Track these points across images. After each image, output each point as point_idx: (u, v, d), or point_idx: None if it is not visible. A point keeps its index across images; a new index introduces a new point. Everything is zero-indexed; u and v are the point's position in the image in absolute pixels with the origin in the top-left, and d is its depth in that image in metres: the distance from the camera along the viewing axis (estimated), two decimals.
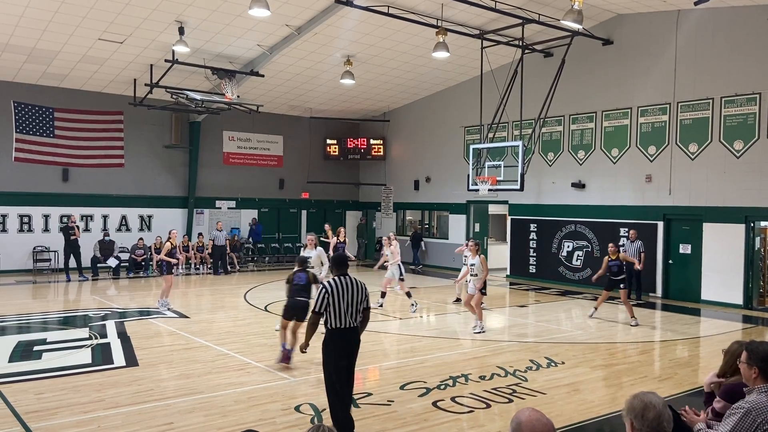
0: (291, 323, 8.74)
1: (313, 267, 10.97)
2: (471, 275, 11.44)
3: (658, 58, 15.78)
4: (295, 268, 9.13)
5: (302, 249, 12.23)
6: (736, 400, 3.82)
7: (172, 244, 13.37)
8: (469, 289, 11.45)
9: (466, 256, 13.27)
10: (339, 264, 6.09)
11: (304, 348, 6.26)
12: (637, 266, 14.48)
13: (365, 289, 6.00)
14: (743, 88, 14.23)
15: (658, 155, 15.90)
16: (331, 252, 13.83)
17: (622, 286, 12.41)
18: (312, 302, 6.53)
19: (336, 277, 5.92)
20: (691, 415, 4.07)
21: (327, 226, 16.82)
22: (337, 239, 14.91)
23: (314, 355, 9.32)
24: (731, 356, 4.37)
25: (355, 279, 5.97)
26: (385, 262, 14.09)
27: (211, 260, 20.35)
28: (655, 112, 15.97)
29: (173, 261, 13.52)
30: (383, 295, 13.76)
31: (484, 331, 11.05)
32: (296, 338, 8.47)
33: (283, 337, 8.74)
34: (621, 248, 16.13)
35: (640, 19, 16.18)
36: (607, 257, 12.58)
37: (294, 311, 8.75)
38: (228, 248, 20.58)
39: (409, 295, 13.45)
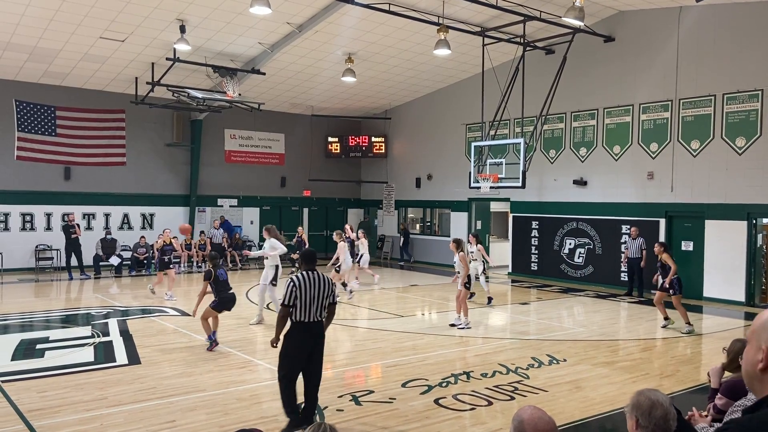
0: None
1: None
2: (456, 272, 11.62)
3: (659, 54, 15.74)
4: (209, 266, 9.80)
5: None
6: (738, 396, 3.82)
7: (165, 241, 14.33)
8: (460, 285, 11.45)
9: (472, 252, 13.85)
10: (307, 259, 6.29)
11: (274, 342, 6.28)
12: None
13: (331, 284, 6.16)
14: (745, 84, 14.19)
15: (659, 152, 15.87)
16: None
17: (671, 291, 11.27)
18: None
19: (304, 272, 6.10)
20: (696, 417, 4.07)
21: (348, 227, 17.81)
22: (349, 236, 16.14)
23: None
24: (734, 354, 4.36)
25: (322, 274, 6.14)
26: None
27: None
28: (656, 108, 15.93)
29: (164, 258, 14.28)
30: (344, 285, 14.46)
31: (468, 328, 11.01)
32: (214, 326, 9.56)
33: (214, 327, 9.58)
34: (623, 245, 16.17)
35: (641, 16, 16.14)
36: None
37: (228, 304, 9.70)
38: (227, 246, 20.62)
39: (344, 284, 14.28)
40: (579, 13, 13.04)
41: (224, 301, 9.59)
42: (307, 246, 15.38)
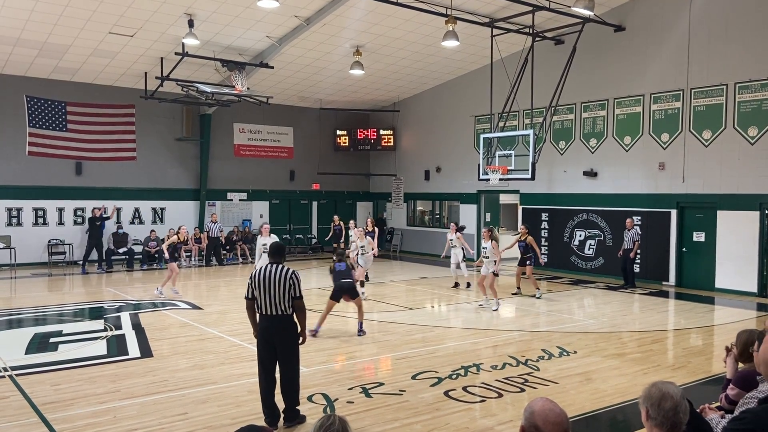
0: (338, 303, 10.21)
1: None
2: (483, 257, 12.62)
3: (670, 44, 15.58)
4: (335, 259, 10.57)
5: (258, 236, 13.55)
6: (750, 387, 3.80)
7: (179, 239, 14.15)
8: (482, 270, 12.62)
9: (451, 239, 14.96)
10: (272, 252, 6.32)
11: (254, 333, 6.33)
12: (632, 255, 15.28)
13: (291, 278, 6.02)
14: (757, 73, 14.03)
15: (671, 142, 15.74)
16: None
17: (528, 263, 13.89)
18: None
19: (264, 266, 6.16)
20: (706, 410, 4.05)
21: (369, 220, 18.09)
22: (365, 229, 16.33)
23: (322, 346, 9.39)
24: (743, 345, 4.34)
25: (281, 269, 6.05)
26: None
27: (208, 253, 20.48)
28: (667, 98, 15.79)
29: (166, 255, 14.12)
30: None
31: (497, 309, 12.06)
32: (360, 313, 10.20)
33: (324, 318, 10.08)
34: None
35: (652, 5, 15.97)
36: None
37: (346, 292, 10.15)
38: (223, 240, 20.74)
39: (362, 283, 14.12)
40: (589, 2, 12.94)
41: (336, 289, 10.23)
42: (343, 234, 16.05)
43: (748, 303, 13.47)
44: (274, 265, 6.11)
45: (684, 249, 15.68)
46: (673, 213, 15.75)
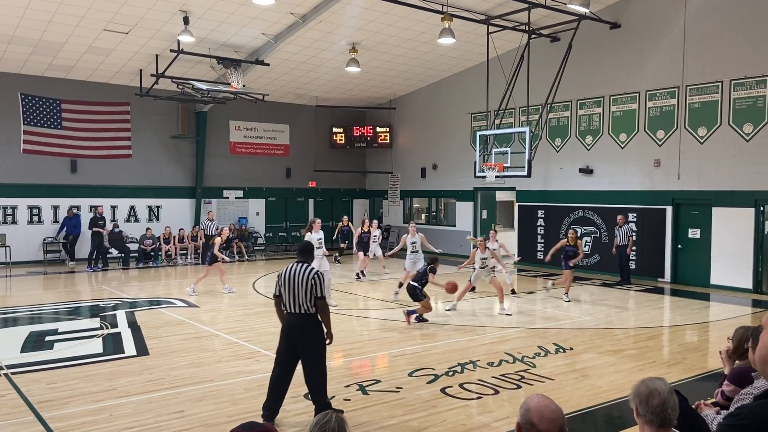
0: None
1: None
2: (481, 267, 12.06)
3: (666, 41, 15.61)
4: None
5: (309, 233, 12.46)
6: (745, 384, 3.81)
7: (222, 239, 14.25)
8: (472, 278, 12.25)
9: (494, 249, 13.69)
10: (299, 251, 6.38)
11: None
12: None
13: (313, 279, 5.99)
14: (753, 70, 14.07)
15: (666, 139, 15.78)
16: (354, 242, 16.01)
17: (571, 264, 13.37)
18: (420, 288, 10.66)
19: (291, 264, 6.18)
20: (702, 407, 4.07)
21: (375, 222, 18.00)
22: (362, 229, 16.34)
23: None
24: (738, 341, 4.35)
25: (305, 268, 6.06)
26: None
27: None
28: (663, 95, 15.82)
29: (219, 255, 14.11)
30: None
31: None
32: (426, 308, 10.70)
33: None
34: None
35: (647, 2, 15.99)
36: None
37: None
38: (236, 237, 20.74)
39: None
40: None
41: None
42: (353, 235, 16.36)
43: (743, 299, 13.52)
44: (300, 264, 6.12)
45: (679, 246, 15.73)
46: (669, 210, 15.80)
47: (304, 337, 6.03)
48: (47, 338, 9.65)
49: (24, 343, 9.34)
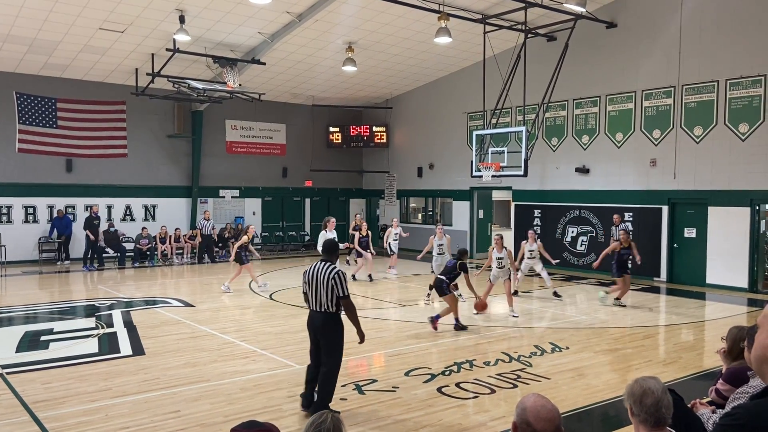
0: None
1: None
2: (498, 268, 11.84)
3: (662, 40, 15.64)
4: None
5: (323, 231, 12.63)
6: (740, 383, 3.82)
7: (248, 237, 14.48)
8: (492, 278, 12.02)
9: (531, 250, 13.73)
10: (323, 250, 6.49)
11: None
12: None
13: (333, 278, 6.07)
14: (748, 70, 14.10)
15: (662, 139, 15.81)
16: (356, 243, 15.94)
17: (629, 271, 12.62)
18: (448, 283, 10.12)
19: (315, 263, 6.33)
20: (698, 405, 4.07)
21: (358, 217, 17.91)
22: (360, 234, 16.20)
23: None
24: (732, 341, 4.36)
25: (327, 268, 6.14)
26: None
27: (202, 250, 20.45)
28: (659, 95, 15.85)
29: (250, 250, 14.57)
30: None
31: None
32: (450, 308, 10.15)
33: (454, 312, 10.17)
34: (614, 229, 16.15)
35: (643, 2, 16.02)
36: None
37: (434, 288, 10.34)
38: (215, 238, 20.70)
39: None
40: None
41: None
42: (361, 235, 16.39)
43: (738, 298, 13.56)
44: (323, 263, 6.23)
45: (675, 245, 15.77)
46: (665, 209, 15.83)
47: (323, 334, 6.21)
48: (42, 338, 9.62)
49: (19, 342, 9.31)
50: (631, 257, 12.55)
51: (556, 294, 13.36)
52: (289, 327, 10.49)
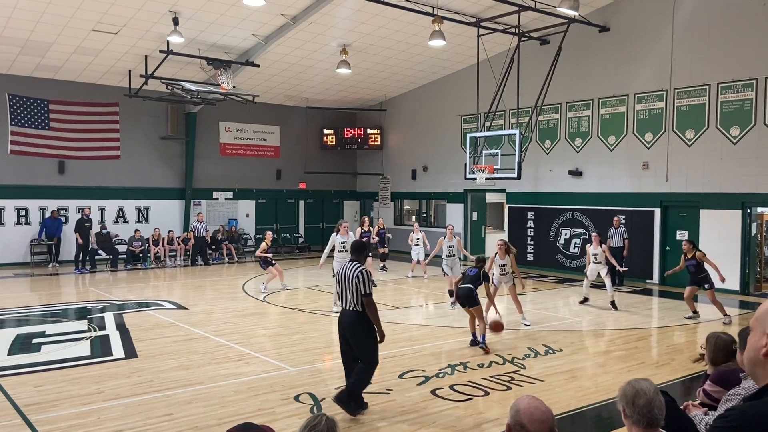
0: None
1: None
2: (501, 275, 11.15)
3: (654, 44, 15.73)
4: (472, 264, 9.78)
5: (334, 234, 12.36)
6: (731, 385, 3.84)
7: (267, 244, 14.71)
8: (495, 282, 11.09)
9: (596, 254, 12.90)
10: (351, 250, 6.72)
11: None
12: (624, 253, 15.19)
13: (357, 277, 6.28)
14: (740, 74, 14.20)
15: (654, 142, 15.89)
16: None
17: (706, 286, 11.51)
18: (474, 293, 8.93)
19: (346, 263, 6.57)
20: (690, 407, 4.09)
21: (365, 219, 17.82)
22: (361, 229, 16.22)
23: (310, 345, 9.38)
24: (712, 346, 4.38)
25: (353, 267, 6.37)
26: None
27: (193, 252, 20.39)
28: (651, 98, 15.94)
29: (267, 256, 14.72)
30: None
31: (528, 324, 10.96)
32: (479, 323, 9.10)
33: (471, 326, 9.40)
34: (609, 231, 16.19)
35: (636, 6, 16.12)
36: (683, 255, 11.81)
37: (461, 299, 9.27)
38: (208, 240, 20.65)
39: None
40: (574, 3, 13.03)
41: (457, 294, 9.51)
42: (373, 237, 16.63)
43: (731, 301, 13.62)
44: (351, 263, 6.48)
45: (668, 247, 15.84)
46: (657, 212, 15.91)
47: (353, 333, 6.35)
48: (34, 341, 9.56)
49: (11, 345, 9.25)
50: (704, 272, 11.69)
51: (613, 305, 12.44)
52: (283, 329, 10.48)
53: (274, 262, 14.91)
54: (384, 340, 6.53)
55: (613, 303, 12.48)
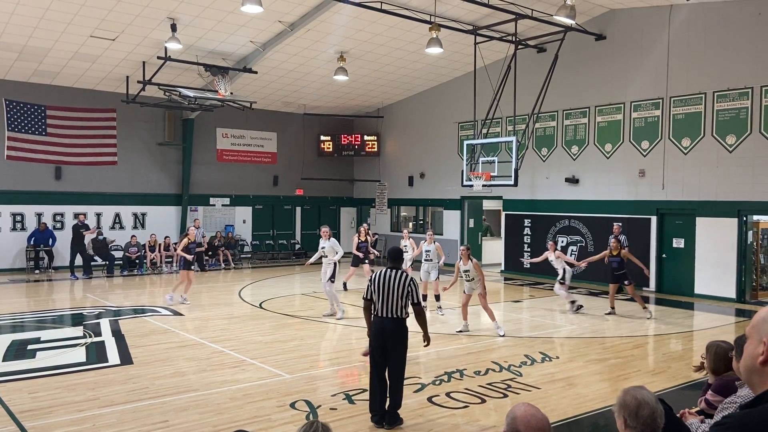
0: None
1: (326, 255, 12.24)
2: (467, 280, 10.94)
3: (650, 53, 15.82)
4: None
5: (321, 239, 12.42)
6: (730, 394, 3.84)
7: (189, 240, 13.69)
8: (466, 289, 11.01)
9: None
10: (390, 257, 6.62)
11: (368, 333, 6.65)
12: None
13: (410, 285, 6.30)
14: (735, 82, 14.28)
15: (651, 150, 15.95)
16: (353, 250, 15.69)
17: (626, 282, 12.54)
18: None
19: (384, 269, 6.43)
20: (686, 415, 4.09)
21: (362, 228, 17.33)
22: (359, 238, 15.91)
23: (306, 352, 9.35)
24: (712, 355, 4.39)
25: (400, 275, 6.33)
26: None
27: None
28: (647, 107, 16.01)
29: (188, 257, 13.56)
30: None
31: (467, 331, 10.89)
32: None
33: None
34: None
35: (632, 14, 16.21)
36: (607, 252, 12.84)
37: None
38: (206, 246, 20.58)
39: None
40: (570, 11, 13.08)
41: None
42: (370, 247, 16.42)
43: (727, 308, 13.65)
44: (393, 270, 6.37)
45: (664, 255, 15.87)
46: (653, 219, 15.95)
47: (395, 340, 6.29)
48: (29, 347, 9.52)
49: (6, 351, 9.20)
50: (624, 268, 12.57)
51: (648, 314, 12.45)
52: (279, 336, 10.45)
53: (196, 267, 13.27)
54: (429, 344, 6.78)
55: (649, 311, 12.56)
